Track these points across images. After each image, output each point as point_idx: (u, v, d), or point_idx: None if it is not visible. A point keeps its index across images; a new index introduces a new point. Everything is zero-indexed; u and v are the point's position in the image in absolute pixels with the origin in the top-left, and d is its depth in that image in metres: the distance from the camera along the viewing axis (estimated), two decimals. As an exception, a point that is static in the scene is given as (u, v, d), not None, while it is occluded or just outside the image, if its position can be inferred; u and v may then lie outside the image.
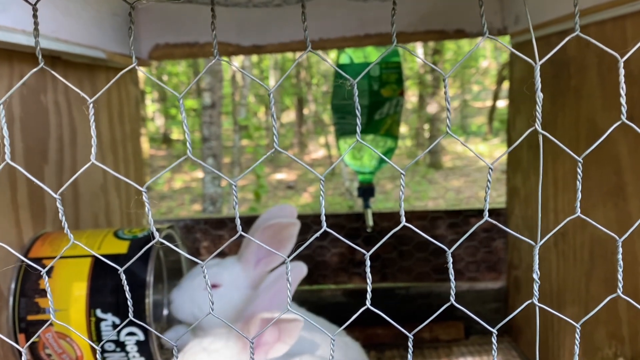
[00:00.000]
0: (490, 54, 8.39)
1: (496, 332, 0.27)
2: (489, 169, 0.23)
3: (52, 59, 0.74)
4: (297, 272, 0.65)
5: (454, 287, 0.25)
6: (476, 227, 0.27)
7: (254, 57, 6.60)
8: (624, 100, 0.23)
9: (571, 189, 0.80)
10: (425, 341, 1.08)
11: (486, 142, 7.02)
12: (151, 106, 7.63)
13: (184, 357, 0.59)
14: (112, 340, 0.64)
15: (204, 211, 4.24)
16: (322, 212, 0.26)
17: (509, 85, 1.06)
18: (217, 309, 0.74)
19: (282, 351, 0.56)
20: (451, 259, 0.24)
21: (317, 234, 0.28)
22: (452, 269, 0.24)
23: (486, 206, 0.24)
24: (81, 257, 0.65)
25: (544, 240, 0.26)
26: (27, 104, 0.69)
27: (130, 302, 0.29)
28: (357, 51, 1.06)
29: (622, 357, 0.68)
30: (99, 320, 0.63)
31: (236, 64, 6.61)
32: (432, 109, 6.49)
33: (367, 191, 1.10)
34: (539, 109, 0.23)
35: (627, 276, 0.65)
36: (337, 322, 0.86)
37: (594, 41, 0.27)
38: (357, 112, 0.23)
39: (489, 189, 0.23)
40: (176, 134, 7.55)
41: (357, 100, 0.23)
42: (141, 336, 0.64)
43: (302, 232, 0.75)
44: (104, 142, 0.92)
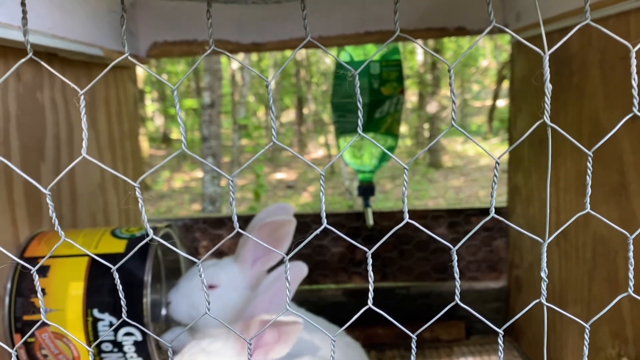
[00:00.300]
0: (490, 53, 8.38)
1: (502, 332, 0.26)
2: (496, 163, 0.22)
3: (49, 56, 0.73)
4: (297, 272, 0.64)
5: (458, 286, 0.24)
6: (481, 224, 0.27)
7: (254, 56, 6.59)
8: (635, 92, 0.22)
9: (573, 187, 0.79)
10: (426, 341, 1.08)
11: (486, 141, 7.02)
12: (151, 106, 7.62)
13: (182, 358, 0.58)
14: (110, 340, 0.63)
15: (204, 211, 4.23)
16: (322, 208, 0.25)
17: (510, 83, 1.05)
18: (214, 309, 0.73)
19: (282, 352, 0.55)
20: (456, 257, 0.24)
21: (317, 231, 0.27)
22: (456, 268, 0.23)
23: (492, 202, 0.23)
24: (78, 256, 0.64)
25: (552, 237, 0.26)
26: (23, 101, 0.68)
27: (123, 302, 0.28)
28: (357, 49, 1.05)
29: (625, 357, 0.67)
30: (96, 320, 0.62)
31: (235, 64, 6.60)
32: (432, 108, 6.48)
33: (367, 190, 1.09)
34: (547, 101, 0.22)
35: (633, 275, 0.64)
36: (337, 322, 0.85)
37: (606, 30, 0.27)
38: (358, 105, 0.22)
39: (496, 184, 0.22)
40: (176, 134, 7.53)
41: (358, 92, 0.23)
42: (139, 336, 0.63)
43: (302, 232, 0.74)
44: (102, 140, 0.91)
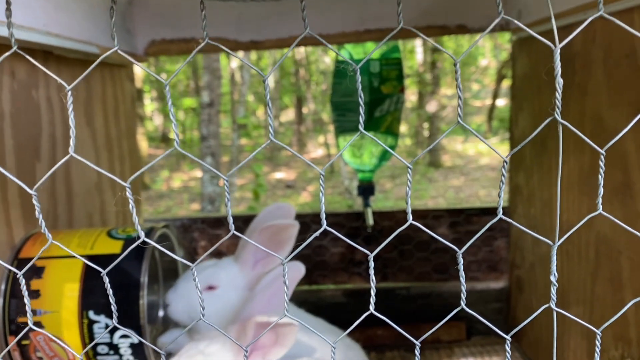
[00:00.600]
0: (489, 52, 8.38)
1: (509, 338, 0.25)
2: (504, 162, 0.21)
3: (44, 53, 0.72)
4: (295, 272, 0.63)
5: (464, 290, 0.23)
6: (489, 225, 0.26)
7: (253, 55, 6.58)
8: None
9: (575, 187, 0.78)
10: (426, 342, 1.07)
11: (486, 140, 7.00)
12: (150, 105, 7.60)
13: (179, 361, 0.57)
14: (106, 342, 0.62)
15: (203, 210, 4.22)
16: (322, 208, 0.24)
17: (511, 81, 1.04)
18: (214, 311, 0.72)
19: (279, 354, 0.55)
20: (461, 261, 0.23)
21: (316, 233, 0.26)
22: (462, 272, 0.22)
23: (500, 203, 0.22)
24: (73, 257, 0.63)
25: (562, 239, 0.25)
26: (17, 99, 0.67)
27: (114, 307, 0.27)
28: (356, 47, 1.04)
29: (629, 359, 0.66)
30: (91, 322, 0.61)
31: (234, 63, 6.59)
32: (432, 107, 6.48)
33: (367, 190, 1.08)
34: (558, 97, 0.21)
35: (636, 276, 0.64)
36: (337, 323, 0.84)
37: (620, 23, 0.26)
38: (359, 101, 0.21)
39: (503, 184, 0.21)
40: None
41: (359, 87, 0.22)
42: (135, 339, 0.62)
43: (301, 232, 0.73)
44: (99, 139, 0.90)
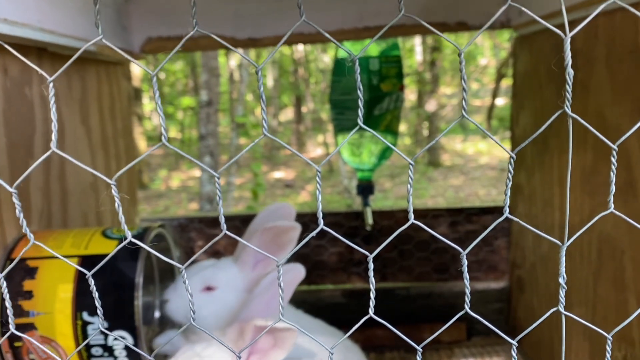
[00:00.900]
0: (489, 51, 8.37)
1: (516, 343, 0.24)
2: (511, 158, 0.20)
3: (38, 50, 0.71)
4: (295, 275, 0.62)
5: (468, 293, 0.22)
6: (496, 224, 0.25)
7: (252, 54, 6.56)
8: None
9: (577, 186, 0.77)
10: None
11: (485, 140, 7.00)
12: (148, 104, 7.58)
13: (175, 363, 0.56)
14: (100, 344, 0.61)
15: (201, 210, 4.21)
16: (319, 207, 0.23)
17: (513, 79, 1.03)
18: (212, 312, 0.72)
19: (279, 358, 0.53)
20: (466, 262, 0.22)
21: (313, 233, 0.25)
22: (466, 273, 0.21)
23: (506, 202, 0.21)
24: (67, 257, 0.62)
25: (571, 240, 0.24)
26: (10, 97, 0.66)
27: (100, 311, 0.26)
28: (355, 44, 1.03)
29: (632, 361, 0.65)
30: (85, 323, 0.60)
31: (233, 62, 6.58)
32: (431, 106, 6.47)
33: (366, 189, 1.07)
34: (569, 89, 0.20)
35: (639, 276, 0.63)
36: (336, 323, 0.83)
37: (635, 11, 0.24)
38: (359, 94, 0.20)
39: (510, 181, 0.20)
40: (173, 132, 7.50)
41: (358, 79, 0.21)
42: (130, 340, 0.61)
43: (300, 231, 0.72)
44: (94, 138, 0.88)
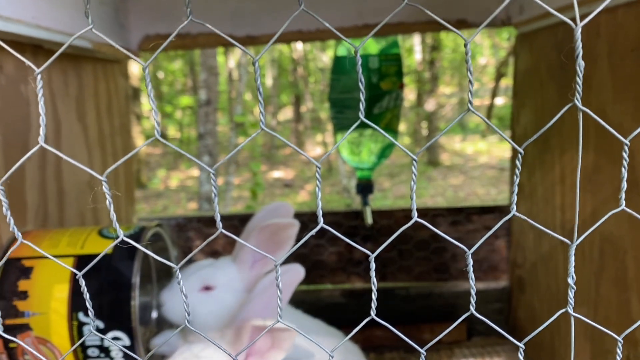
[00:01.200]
0: (488, 51, 8.36)
1: (523, 346, 0.23)
2: (519, 154, 0.19)
3: (34, 47, 0.70)
4: (294, 276, 0.61)
5: (474, 294, 0.22)
6: (503, 222, 0.24)
7: (250, 52, 6.54)
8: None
9: (580, 185, 0.76)
10: (426, 342, 1.05)
11: (484, 139, 7.00)
12: (147, 104, 7.56)
13: (172, 364, 0.55)
14: (96, 345, 0.60)
15: (200, 209, 4.20)
16: (319, 205, 0.22)
17: (513, 78, 1.02)
18: (210, 312, 0.71)
19: (277, 358, 0.53)
20: (471, 262, 0.21)
21: (312, 232, 0.25)
22: (472, 273, 0.21)
23: (513, 199, 0.20)
24: (63, 257, 0.61)
25: (580, 239, 0.23)
26: (6, 94, 0.65)
27: (91, 312, 0.25)
28: (355, 42, 1.02)
29: (635, 361, 0.64)
30: (81, 324, 0.59)
31: (232, 61, 6.56)
32: (430, 106, 6.46)
33: (365, 188, 1.06)
34: (579, 81, 0.20)
35: (642, 276, 0.62)
36: (335, 323, 0.83)
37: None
38: (360, 85, 0.19)
39: (518, 177, 0.20)
40: (172, 132, 7.49)
41: (360, 70, 0.20)
42: (127, 341, 0.60)
43: (299, 231, 0.72)
44: (91, 136, 0.88)
